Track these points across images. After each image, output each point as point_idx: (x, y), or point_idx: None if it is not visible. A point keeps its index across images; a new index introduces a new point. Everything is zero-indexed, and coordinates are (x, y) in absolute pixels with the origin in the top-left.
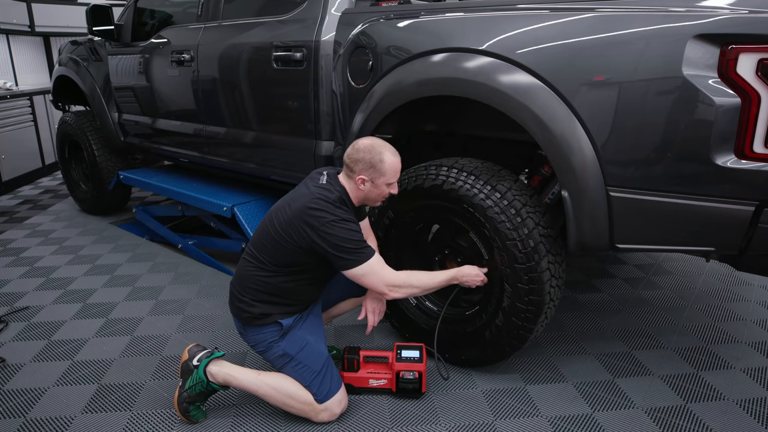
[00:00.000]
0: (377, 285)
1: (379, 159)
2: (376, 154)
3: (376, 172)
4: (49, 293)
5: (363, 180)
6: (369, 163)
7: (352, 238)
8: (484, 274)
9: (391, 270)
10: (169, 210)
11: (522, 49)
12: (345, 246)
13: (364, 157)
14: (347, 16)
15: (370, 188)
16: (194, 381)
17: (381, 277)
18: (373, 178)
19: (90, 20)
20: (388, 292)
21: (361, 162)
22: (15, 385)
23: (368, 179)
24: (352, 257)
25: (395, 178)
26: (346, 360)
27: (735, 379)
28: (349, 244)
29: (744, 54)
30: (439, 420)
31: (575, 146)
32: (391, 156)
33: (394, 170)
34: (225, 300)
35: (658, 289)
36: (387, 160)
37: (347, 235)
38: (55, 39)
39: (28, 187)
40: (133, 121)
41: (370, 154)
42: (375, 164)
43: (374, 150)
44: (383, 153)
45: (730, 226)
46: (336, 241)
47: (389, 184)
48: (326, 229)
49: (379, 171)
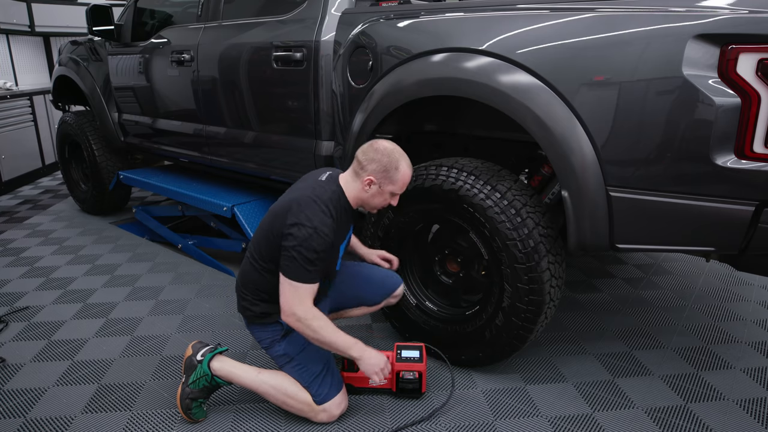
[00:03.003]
0: (283, 304)
1: (395, 166)
2: (394, 161)
3: (387, 179)
4: (49, 293)
5: (371, 182)
6: (384, 167)
7: (306, 254)
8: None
9: (309, 306)
10: (169, 210)
11: (522, 49)
12: (293, 252)
13: (381, 159)
14: (347, 16)
15: (375, 192)
16: (198, 375)
17: (292, 302)
18: (382, 183)
19: (90, 20)
20: (286, 317)
21: (376, 162)
22: (15, 385)
23: (377, 182)
24: (288, 264)
25: (402, 190)
26: (346, 360)
27: (735, 379)
28: (296, 252)
29: (744, 54)
30: (439, 420)
31: (575, 146)
32: (406, 167)
33: (404, 182)
34: (225, 300)
35: (658, 289)
36: (402, 170)
37: (304, 245)
38: (55, 39)
39: (28, 187)
40: (133, 121)
41: (388, 158)
42: (389, 170)
43: (393, 155)
44: (401, 161)
45: (730, 226)
46: (291, 241)
47: (393, 195)
48: (292, 229)
49: (391, 178)
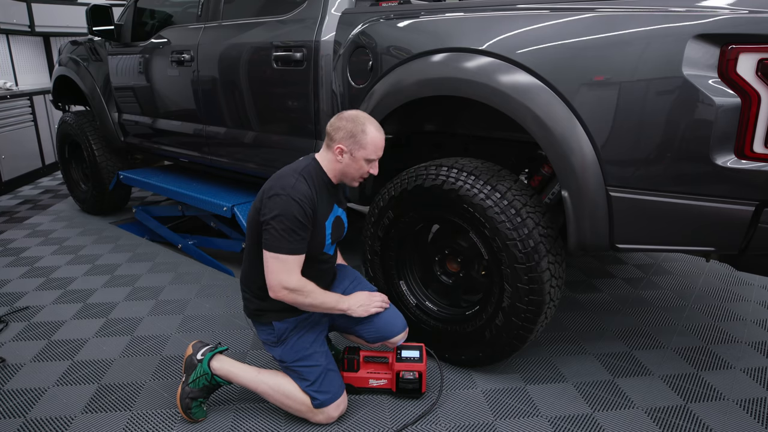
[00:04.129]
0: (271, 280)
1: (362, 129)
2: (359, 124)
3: (355, 144)
4: (49, 293)
5: (341, 150)
6: (350, 133)
7: (286, 222)
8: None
9: (297, 276)
10: (169, 210)
11: (522, 49)
12: (273, 223)
13: (345, 126)
14: (347, 16)
15: (348, 161)
16: (198, 375)
17: (279, 275)
18: (352, 150)
19: (90, 20)
20: (276, 293)
21: (342, 130)
22: (15, 385)
23: (347, 150)
24: (269, 238)
25: (376, 154)
26: (346, 360)
27: (735, 379)
28: (276, 222)
29: (744, 54)
30: (439, 420)
31: (575, 146)
32: (374, 130)
33: (376, 145)
34: (225, 300)
35: (658, 289)
36: (369, 132)
37: (283, 213)
38: (55, 39)
39: (28, 187)
40: (133, 121)
41: (352, 123)
42: (356, 134)
43: (358, 120)
44: (366, 124)
45: (730, 226)
46: (268, 214)
47: (369, 161)
48: (268, 202)
49: (360, 143)
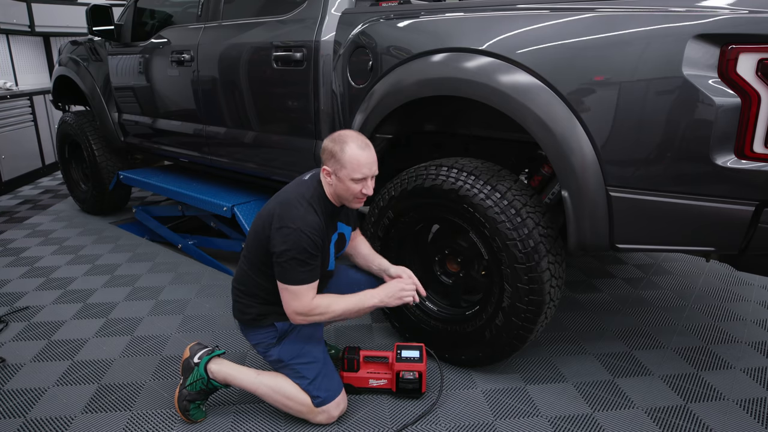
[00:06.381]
0: (287, 309)
1: (341, 148)
2: (339, 143)
3: (337, 163)
4: (49, 293)
5: (328, 172)
6: (331, 153)
7: (297, 256)
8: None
9: (309, 300)
10: (169, 210)
11: (522, 49)
12: (283, 257)
13: (328, 146)
14: (347, 16)
15: (336, 183)
16: (195, 378)
17: (294, 305)
18: (336, 170)
19: (90, 20)
20: (294, 319)
21: (326, 151)
22: (15, 385)
23: (332, 171)
24: (281, 271)
25: (359, 173)
26: (346, 360)
27: (735, 379)
28: (287, 256)
29: (744, 54)
30: (439, 420)
31: (575, 146)
32: (355, 148)
33: (356, 163)
34: (225, 300)
35: (658, 289)
36: (348, 151)
37: (294, 248)
38: (55, 39)
39: (28, 187)
40: (133, 121)
41: (333, 143)
42: (335, 153)
43: (339, 139)
44: (346, 143)
45: (730, 226)
46: (278, 247)
47: (355, 180)
48: (278, 234)
49: (340, 162)
